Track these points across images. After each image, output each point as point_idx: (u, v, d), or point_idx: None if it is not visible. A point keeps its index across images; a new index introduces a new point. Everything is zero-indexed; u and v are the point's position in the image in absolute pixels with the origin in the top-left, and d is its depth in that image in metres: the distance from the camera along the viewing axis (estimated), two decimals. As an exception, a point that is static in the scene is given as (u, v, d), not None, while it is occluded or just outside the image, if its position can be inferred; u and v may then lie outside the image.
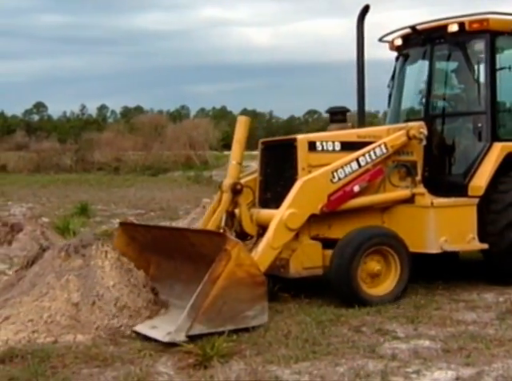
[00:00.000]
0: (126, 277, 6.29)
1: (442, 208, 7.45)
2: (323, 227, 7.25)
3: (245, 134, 7.53)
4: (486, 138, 7.89)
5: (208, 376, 4.87)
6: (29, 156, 46.11)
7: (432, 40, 8.35)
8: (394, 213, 7.55)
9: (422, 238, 7.38)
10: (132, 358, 5.32)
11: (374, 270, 6.92)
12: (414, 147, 7.69)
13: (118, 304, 6.05)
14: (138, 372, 4.98)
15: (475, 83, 8.15)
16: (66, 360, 5.25)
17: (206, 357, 5.14)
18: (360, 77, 8.27)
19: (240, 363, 5.12)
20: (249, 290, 5.85)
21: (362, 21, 8.17)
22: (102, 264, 6.27)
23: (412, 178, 7.61)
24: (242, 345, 5.55)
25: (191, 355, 5.24)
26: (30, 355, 5.33)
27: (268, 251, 6.55)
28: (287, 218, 6.65)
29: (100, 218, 16.02)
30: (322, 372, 4.89)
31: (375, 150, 7.35)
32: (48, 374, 4.95)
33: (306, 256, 7.00)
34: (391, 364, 5.02)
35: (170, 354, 5.40)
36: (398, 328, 6.05)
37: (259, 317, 5.91)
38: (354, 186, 7.15)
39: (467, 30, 7.96)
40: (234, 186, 7.23)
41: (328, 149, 7.35)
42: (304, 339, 5.66)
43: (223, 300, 5.69)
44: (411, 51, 8.81)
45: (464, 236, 7.46)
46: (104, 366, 5.16)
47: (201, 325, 5.58)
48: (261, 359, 5.19)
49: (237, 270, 5.77)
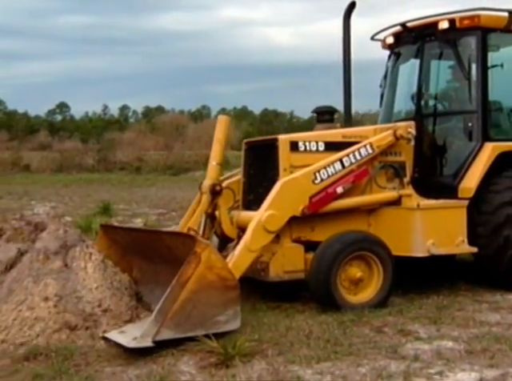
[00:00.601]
0: (110, 279, 6.17)
1: (428, 210, 7.18)
2: (306, 230, 6.99)
3: (225, 133, 7.36)
4: (476, 138, 7.62)
5: (230, 375, 4.86)
6: (52, 156, 46.46)
7: (423, 37, 8.09)
8: (380, 215, 7.28)
9: (408, 242, 7.10)
10: (154, 357, 5.32)
11: (356, 277, 6.65)
12: (403, 148, 7.44)
13: (102, 306, 5.93)
14: (160, 371, 4.99)
15: (466, 82, 7.81)
16: (89, 358, 5.28)
17: (227, 356, 5.13)
18: (346, 76, 7.98)
19: (262, 363, 5.11)
20: (220, 293, 5.60)
21: (348, 18, 7.87)
22: (84, 265, 6.15)
23: (400, 180, 7.35)
24: (263, 345, 5.53)
25: (213, 355, 5.23)
26: (54, 354, 5.37)
27: (245, 254, 6.26)
28: (265, 220, 6.39)
29: (122, 217, 16.08)
30: (344, 372, 4.86)
31: (360, 151, 7.08)
32: (71, 373, 4.97)
33: (286, 259, 6.75)
34: (414, 365, 4.97)
35: (191, 354, 5.39)
36: (420, 329, 6.00)
37: (231, 322, 5.67)
38: (337, 188, 6.89)
39: (458, 26, 7.70)
40: (213, 188, 7.07)
41: (311, 149, 7.09)
42: (326, 340, 5.63)
43: (192, 304, 5.45)
44: (403, 49, 8.57)
45: (453, 239, 7.18)
46: (126, 365, 5.18)
47: (169, 330, 5.36)
48: (282, 359, 5.17)
49: (207, 273, 5.54)
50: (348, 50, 7.90)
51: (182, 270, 5.51)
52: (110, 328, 5.81)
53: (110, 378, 4.90)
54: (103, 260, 6.30)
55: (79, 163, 44.27)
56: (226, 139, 7.35)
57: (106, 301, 5.98)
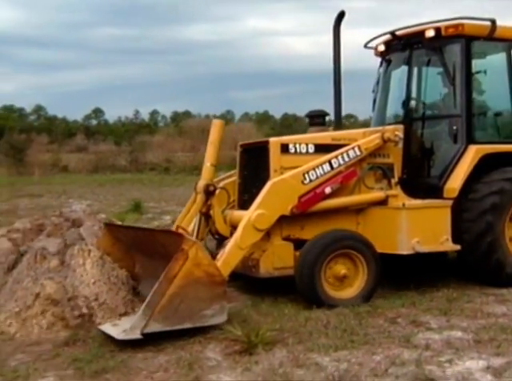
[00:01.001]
0: (107, 275, 6.15)
1: (413, 210, 7.05)
2: (295, 228, 6.91)
3: (219, 136, 7.25)
4: (461, 140, 7.50)
5: (253, 362, 4.88)
6: (88, 157, 46.79)
7: (411, 45, 7.99)
8: (368, 214, 7.17)
9: (394, 240, 6.97)
10: (182, 345, 5.37)
11: (340, 274, 6.54)
12: (391, 150, 7.34)
13: (98, 300, 5.92)
14: (188, 357, 5.02)
15: (452, 87, 7.70)
16: (123, 345, 5.31)
17: (251, 344, 5.16)
18: (336, 80, 7.82)
19: (283, 351, 5.12)
20: (207, 289, 5.56)
21: (338, 26, 7.77)
22: (82, 262, 6.15)
23: (388, 180, 7.25)
24: (284, 334, 5.55)
25: (237, 343, 5.26)
26: (91, 339, 5.46)
27: (235, 251, 6.20)
28: (255, 219, 6.30)
29: (152, 214, 16.13)
30: (360, 360, 4.85)
31: (348, 153, 6.98)
32: (107, 357, 5.05)
33: (276, 256, 6.67)
34: (425, 353, 4.96)
35: (217, 341, 5.42)
36: (431, 320, 5.97)
37: (218, 316, 5.62)
38: (326, 188, 6.78)
39: (443, 35, 7.60)
40: (207, 188, 6.95)
41: (301, 151, 6.99)
42: (342, 329, 5.63)
43: (180, 299, 5.42)
44: (393, 57, 8.45)
45: (437, 237, 7.05)
46: (157, 351, 5.23)
47: (157, 323, 5.32)
48: (302, 347, 5.18)
49: (194, 269, 5.50)
50: (338, 57, 7.78)
51: (169, 266, 5.49)
52: (105, 321, 5.82)
53: (142, 363, 4.95)
54: (102, 257, 6.28)
55: (113, 164, 44.52)
56: (220, 142, 7.21)
57: (102, 295, 5.98)
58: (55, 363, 4.98)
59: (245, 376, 4.62)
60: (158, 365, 4.89)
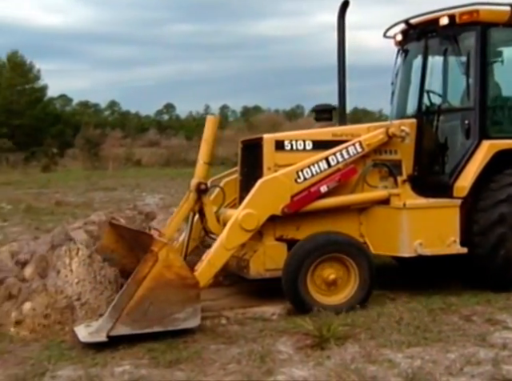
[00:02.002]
0: (93, 274, 6.01)
1: (416, 210, 6.60)
2: (290, 228, 6.56)
3: (213, 133, 6.76)
4: (474, 135, 6.98)
5: (325, 357, 4.87)
6: (160, 152, 47.73)
7: (425, 34, 7.47)
8: (371, 214, 6.73)
9: (395, 241, 6.58)
10: (254, 337, 5.41)
11: (329, 279, 6.19)
12: (399, 146, 6.89)
13: (80, 300, 5.82)
14: (260, 350, 5.05)
15: (465, 78, 7.19)
16: (196, 336, 5.43)
17: (322, 339, 5.15)
18: (341, 74, 7.33)
19: (355, 346, 5.09)
20: (179, 292, 5.37)
21: (342, 17, 7.28)
22: (69, 262, 6.04)
23: (394, 179, 6.81)
24: (356, 329, 5.51)
25: (309, 337, 5.26)
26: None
27: (221, 252, 5.96)
28: (242, 219, 6.02)
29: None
30: (434, 358, 4.76)
31: (348, 149, 6.57)
32: (181, 348, 5.14)
33: (268, 257, 6.35)
34: (502, 353, 4.83)
35: (289, 335, 5.43)
36: (508, 319, 5.82)
37: (191, 319, 5.41)
38: (321, 187, 6.39)
39: (458, 22, 7.10)
40: (198, 186, 6.57)
41: (298, 148, 6.63)
42: (415, 326, 5.54)
43: (150, 301, 5.26)
44: (410, 46, 7.94)
45: (443, 239, 6.58)
46: (229, 343, 5.28)
47: (124, 326, 5.18)
48: (374, 343, 5.14)
49: (165, 271, 5.31)
50: (343, 49, 7.32)
51: (137, 268, 5.41)
52: (84, 321, 5.67)
53: (214, 355, 5.00)
54: (90, 255, 6.14)
55: (184, 158, 45.16)
56: (213, 139, 6.76)
57: (85, 295, 5.86)
58: (131, 352, 5.10)
59: (317, 370, 4.61)
60: (231, 357, 4.94)
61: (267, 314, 6.14)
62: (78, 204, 18.33)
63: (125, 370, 4.71)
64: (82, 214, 15.11)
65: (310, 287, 6.14)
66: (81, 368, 4.77)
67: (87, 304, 5.79)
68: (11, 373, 4.70)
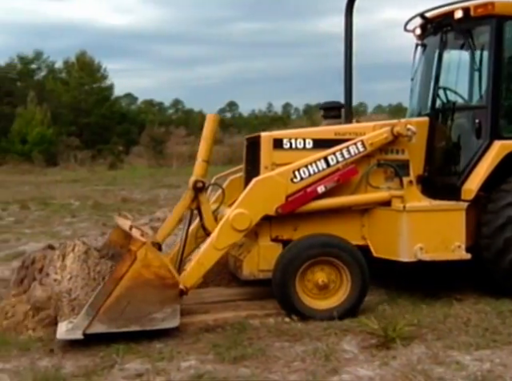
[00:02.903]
0: (87, 270, 5.90)
1: (416, 213, 6.25)
2: (287, 229, 6.33)
3: (212, 131, 6.58)
4: (485, 135, 6.59)
5: (390, 357, 4.81)
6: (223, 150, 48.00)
7: (441, 28, 7.10)
8: (372, 216, 6.42)
9: (395, 245, 6.26)
10: (319, 336, 5.39)
11: (319, 282, 5.98)
12: (406, 145, 6.54)
13: (70, 296, 5.72)
14: (324, 348, 5.03)
15: (479, 74, 6.82)
16: (261, 333, 5.45)
17: (388, 338, 5.09)
18: (347, 70, 7.02)
19: (421, 347, 5.02)
20: (157, 292, 5.30)
21: (350, 11, 6.93)
22: (62, 258, 5.99)
23: (400, 179, 6.46)
24: (422, 329, 5.43)
25: (374, 336, 5.21)
26: (229, 327, 5.60)
27: (210, 252, 5.86)
28: (233, 219, 5.87)
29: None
30: (504, 361, 4.65)
31: (349, 148, 6.28)
32: (245, 344, 5.16)
33: (262, 258, 6.17)
34: None
35: (353, 334, 5.39)
36: None
37: (169, 320, 5.34)
38: (318, 187, 6.14)
39: (472, 15, 6.70)
40: (195, 184, 6.41)
41: (297, 147, 6.38)
42: (484, 328, 5.42)
43: (127, 300, 5.20)
44: (427, 40, 7.56)
45: (447, 244, 6.22)
46: (293, 341, 5.28)
47: (101, 324, 5.14)
48: (441, 344, 5.05)
49: (144, 271, 5.25)
50: (350, 44, 6.98)
51: (115, 267, 5.38)
52: (70, 317, 5.52)
53: (279, 352, 5.01)
54: (86, 251, 6.06)
55: (247, 156, 45.32)
56: (213, 137, 6.60)
57: (76, 291, 5.75)
58: (196, 348, 5.16)
59: (382, 370, 4.56)
60: (295, 354, 4.94)
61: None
62: (144, 201, 18.67)
63: (190, 365, 4.77)
64: (148, 210, 15.42)
65: (299, 291, 5.95)
66: (148, 362, 4.86)
67: (76, 300, 5.67)
68: (81, 365, 4.83)
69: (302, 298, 5.95)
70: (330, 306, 5.96)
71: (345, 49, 6.99)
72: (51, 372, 4.62)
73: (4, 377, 4.63)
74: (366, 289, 6.05)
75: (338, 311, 5.86)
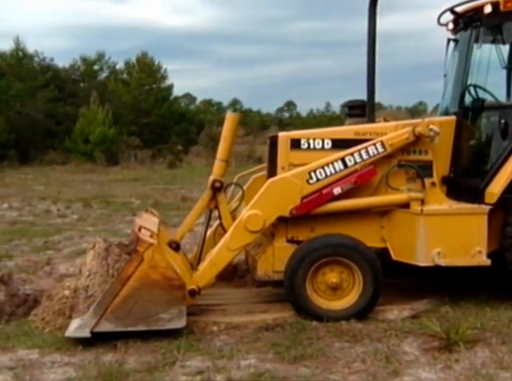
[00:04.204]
0: (106, 267, 5.96)
1: (434, 216, 6.04)
2: (304, 230, 6.22)
3: (232, 131, 6.48)
4: (511, 135, 6.27)
5: (453, 360, 4.74)
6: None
7: (471, 23, 6.80)
8: (392, 218, 6.25)
9: (412, 249, 6.09)
10: (379, 337, 5.35)
11: (330, 283, 5.92)
12: (430, 146, 6.31)
13: (87, 293, 5.83)
14: (385, 350, 4.99)
15: (509, 72, 6.45)
16: (320, 333, 5.45)
17: (450, 341, 5.01)
18: (370, 68, 6.80)
19: (485, 351, 4.92)
20: (164, 292, 5.39)
21: (373, 7, 6.66)
22: (86, 256, 6.11)
23: (422, 181, 6.25)
24: (486, 333, 5.33)
25: (435, 339, 5.13)
26: (289, 326, 5.61)
27: (223, 252, 5.86)
28: (247, 220, 5.85)
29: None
30: None
31: (368, 149, 6.11)
32: (305, 344, 5.17)
33: (277, 259, 6.09)
34: None
35: (414, 336, 5.33)
36: None
37: (176, 320, 5.40)
38: (335, 189, 6.01)
39: (502, 10, 6.39)
40: (213, 184, 6.31)
41: (316, 147, 6.25)
42: (553, 333, 5.26)
43: (134, 300, 5.31)
44: (458, 36, 7.25)
45: (467, 249, 5.99)
46: (353, 342, 5.26)
47: (109, 323, 5.25)
48: (506, 349, 4.95)
49: (151, 271, 5.35)
50: (373, 41, 6.75)
51: (123, 268, 5.43)
52: (84, 315, 5.59)
53: (339, 353, 5.00)
54: (107, 248, 6.10)
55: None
56: (232, 136, 6.49)
57: (93, 288, 5.85)
58: (256, 347, 5.20)
59: (445, 374, 4.50)
60: (356, 355, 4.92)
61: (391, 314, 6.03)
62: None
63: (250, 364, 4.81)
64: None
65: (309, 291, 5.92)
66: (208, 359, 4.91)
67: (92, 297, 5.78)
68: (144, 360, 4.92)
69: (313, 298, 5.93)
70: (341, 308, 5.92)
71: (368, 47, 6.81)
72: (115, 367, 4.72)
73: (70, 370, 4.77)
74: (378, 291, 5.94)
75: (349, 313, 5.83)
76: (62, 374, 4.72)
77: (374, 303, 5.95)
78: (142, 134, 49.80)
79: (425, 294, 6.50)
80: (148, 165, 39.45)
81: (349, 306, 5.90)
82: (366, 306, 5.91)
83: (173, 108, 55.40)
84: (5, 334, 5.62)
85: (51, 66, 50.62)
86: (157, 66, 54.60)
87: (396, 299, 6.35)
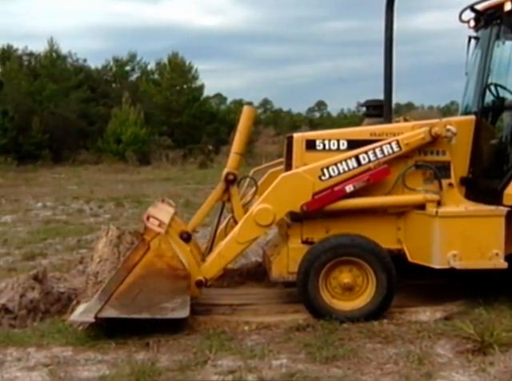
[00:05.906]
0: (117, 254, 6.05)
1: (450, 218, 5.91)
2: (319, 231, 6.14)
3: (247, 124, 6.45)
4: None
5: (488, 363, 4.68)
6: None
7: (491, 21, 6.64)
8: (408, 219, 6.14)
9: (427, 251, 5.97)
10: (411, 338, 5.31)
11: (343, 283, 5.88)
12: (447, 146, 6.18)
13: (97, 279, 5.90)
14: (418, 352, 4.95)
15: None
16: (352, 334, 5.42)
17: (484, 344, 4.95)
18: (388, 67, 6.67)
19: (521, 354, 4.84)
20: (169, 282, 5.40)
21: (390, 8, 6.60)
22: (99, 243, 6.21)
23: (439, 182, 6.15)
24: (522, 336, 5.23)
25: (469, 341, 5.07)
26: (320, 327, 5.60)
27: (232, 245, 5.88)
28: (256, 214, 5.85)
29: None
30: None
31: (382, 148, 6.03)
32: (336, 345, 5.15)
33: (291, 260, 6.05)
34: None
35: (448, 338, 5.28)
36: None
37: (179, 310, 5.42)
38: (347, 186, 5.94)
39: None
40: (226, 176, 6.34)
41: (331, 148, 6.18)
42: None
43: (139, 288, 5.35)
44: (480, 33, 7.08)
45: (484, 252, 5.86)
46: (386, 343, 5.23)
47: (113, 309, 5.28)
48: (543, 353, 4.85)
49: (156, 260, 5.38)
50: (390, 40, 6.66)
51: (128, 255, 5.45)
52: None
53: (371, 354, 4.98)
54: (119, 236, 6.20)
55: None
56: (248, 130, 6.46)
57: (103, 274, 5.94)
58: (287, 347, 5.20)
59: (479, 377, 4.45)
60: (388, 357, 4.89)
61: (424, 315, 5.98)
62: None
63: (282, 364, 4.81)
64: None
65: (321, 291, 5.90)
66: (240, 359, 4.93)
67: (101, 283, 5.82)
68: (176, 359, 4.95)
69: (326, 298, 5.91)
70: (354, 308, 5.88)
71: (384, 47, 6.73)
72: (147, 365, 4.76)
73: (103, 368, 4.82)
74: (391, 292, 5.89)
75: (361, 314, 5.80)
76: (95, 371, 4.77)
77: (388, 304, 5.91)
78: (173, 134, 50.08)
79: (458, 296, 6.43)
80: (179, 165, 39.68)
81: (362, 307, 5.88)
82: (379, 307, 5.88)
83: (203, 108, 55.60)
84: (39, 331, 5.70)
85: (84, 66, 51.29)
86: (188, 66, 54.85)
87: (429, 301, 6.30)
